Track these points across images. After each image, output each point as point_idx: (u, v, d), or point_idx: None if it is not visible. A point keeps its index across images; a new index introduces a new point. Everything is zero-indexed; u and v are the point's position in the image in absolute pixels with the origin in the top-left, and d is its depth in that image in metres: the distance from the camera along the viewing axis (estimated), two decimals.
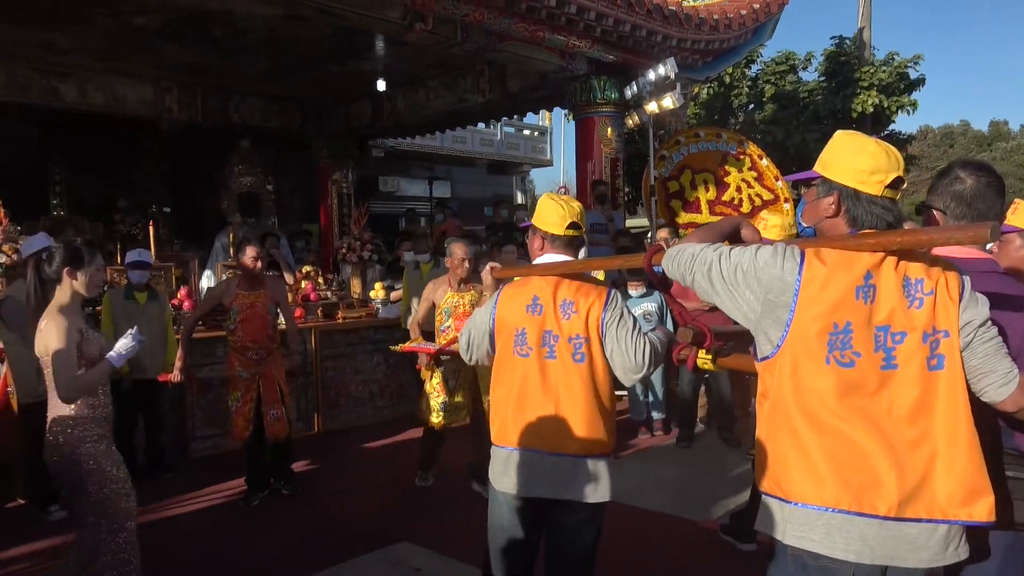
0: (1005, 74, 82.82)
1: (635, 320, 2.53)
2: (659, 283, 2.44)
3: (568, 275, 2.55)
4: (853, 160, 1.77)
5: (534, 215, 2.68)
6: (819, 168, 1.85)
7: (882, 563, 1.66)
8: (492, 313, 2.61)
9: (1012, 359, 1.74)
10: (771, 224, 3.55)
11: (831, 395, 1.68)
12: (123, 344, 2.94)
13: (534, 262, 2.66)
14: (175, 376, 4.99)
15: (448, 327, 4.67)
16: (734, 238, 2.02)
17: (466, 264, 4.63)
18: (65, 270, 2.99)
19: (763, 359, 1.82)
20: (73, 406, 2.93)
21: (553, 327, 2.48)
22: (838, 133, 1.87)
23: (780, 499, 1.76)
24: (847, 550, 1.66)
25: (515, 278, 2.73)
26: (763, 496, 1.84)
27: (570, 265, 2.56)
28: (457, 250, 4.67)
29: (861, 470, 1.65)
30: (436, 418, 4.80)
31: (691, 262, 1.93)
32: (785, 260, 1.75)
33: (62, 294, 3.02)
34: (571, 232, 2.59)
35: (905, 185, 1.80)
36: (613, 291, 2.55)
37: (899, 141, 15.12)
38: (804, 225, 2.11)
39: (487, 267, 2.80)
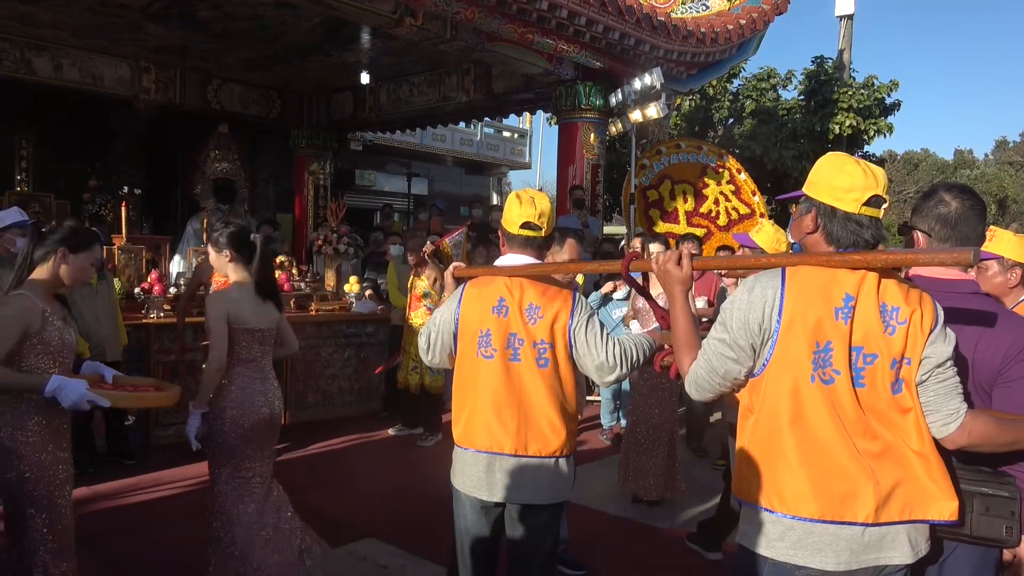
0: (972, 103, 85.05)
1: (602, 323, 2.52)
2: (638, 288, 2.46)
3: (534, 277, 2.49)
4: (831, 178, 1.84)
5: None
6: (804, 187, 1.92)
7: (867, 565, 1.72)
8: (456, 313, 2.54)
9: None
10: (764, 230, 3.59)
11: (814, 411, 1.74)
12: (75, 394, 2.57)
13: (496, 262, 2.61)
14: None
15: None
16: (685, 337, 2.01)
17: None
18: (59, 250, 2.71)
19: (749, 376, 1.85)
20: None
21: (519, 330, 2.43)
22: (825, 155, 1.93)
23: (766, 510, 1.78)
24: (837, 561, 1.72)
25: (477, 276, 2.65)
26: (745, 508, 1.86)
27: (540, 268, 2.50)
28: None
29: (841, 482, 1.72)
30: (428, 379, 6.07)
31: (710, 373, 1.88)
32: (765, 289, 1.80)
33: (41, 272, 2.72)
34: (526, 232, 2.51)
35: (887, 204, 1.84)
36: (578, 295, 2.52)
37: (872, 164, 15.37)
38: (792, 240, 2.14)
39: (451, 266, 2.73)
